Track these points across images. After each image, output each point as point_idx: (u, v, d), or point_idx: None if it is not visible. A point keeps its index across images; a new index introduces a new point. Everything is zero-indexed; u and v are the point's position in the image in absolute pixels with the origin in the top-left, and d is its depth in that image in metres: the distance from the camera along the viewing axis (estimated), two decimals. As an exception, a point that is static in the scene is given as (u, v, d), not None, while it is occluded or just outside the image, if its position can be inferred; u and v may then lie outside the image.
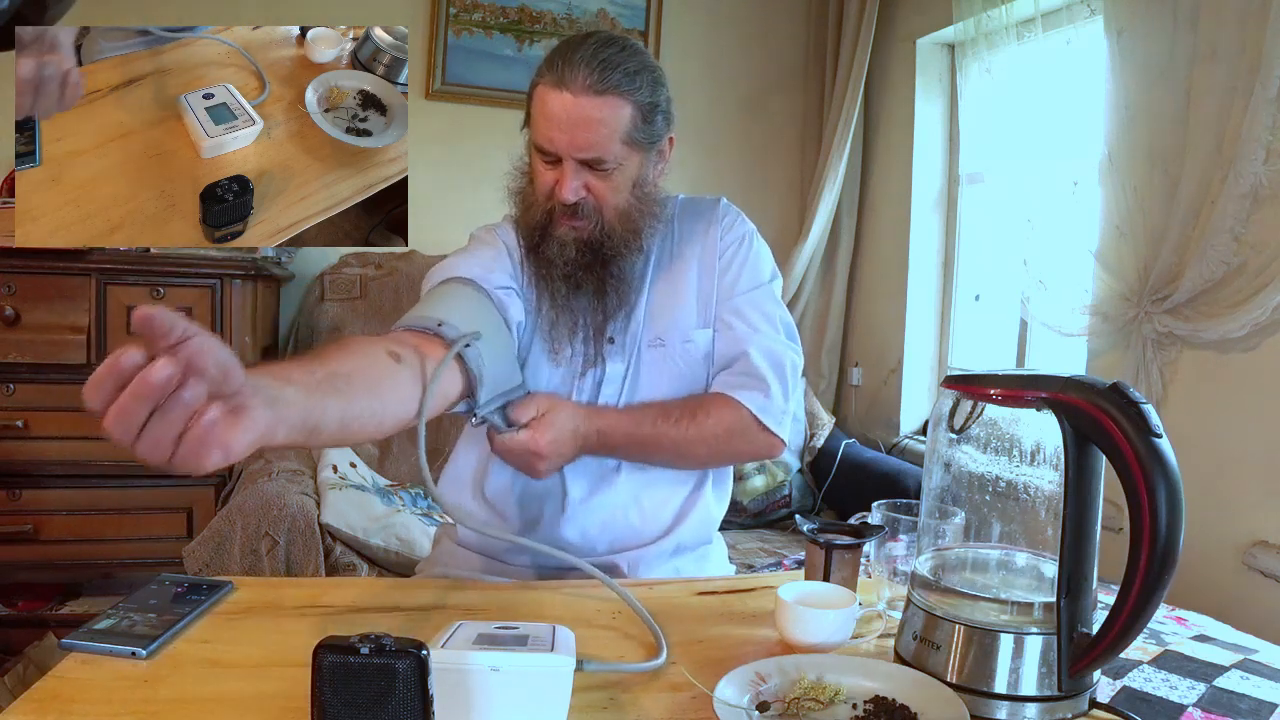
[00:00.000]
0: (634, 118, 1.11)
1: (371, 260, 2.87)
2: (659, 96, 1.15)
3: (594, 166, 1.12)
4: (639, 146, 1.14)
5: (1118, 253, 2.07)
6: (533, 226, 1.18)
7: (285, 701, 0.73)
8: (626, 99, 1.10)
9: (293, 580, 1.64)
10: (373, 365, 0.93)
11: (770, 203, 3.39)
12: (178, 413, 0.60)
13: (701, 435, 1.18)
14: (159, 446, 0.60)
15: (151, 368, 0.58)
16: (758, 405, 1.19)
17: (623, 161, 1.13)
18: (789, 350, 1.23)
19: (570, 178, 1.11)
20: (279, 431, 0.69)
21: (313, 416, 0.76)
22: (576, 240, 1.15)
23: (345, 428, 0.83)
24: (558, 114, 1.09)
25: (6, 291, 2.26)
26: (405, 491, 2.41)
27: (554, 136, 1.10)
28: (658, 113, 1.15)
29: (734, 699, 0.74)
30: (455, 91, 3.02)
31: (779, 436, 1.21)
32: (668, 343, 1.23)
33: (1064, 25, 2.41)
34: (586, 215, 1.14)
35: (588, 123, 1.09)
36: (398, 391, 0.94)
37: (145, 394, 0.58)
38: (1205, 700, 0.80)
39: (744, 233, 1.28)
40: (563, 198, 1.12)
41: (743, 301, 1.24)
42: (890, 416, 3.09)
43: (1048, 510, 0.83)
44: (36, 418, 2.29)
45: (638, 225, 1.18)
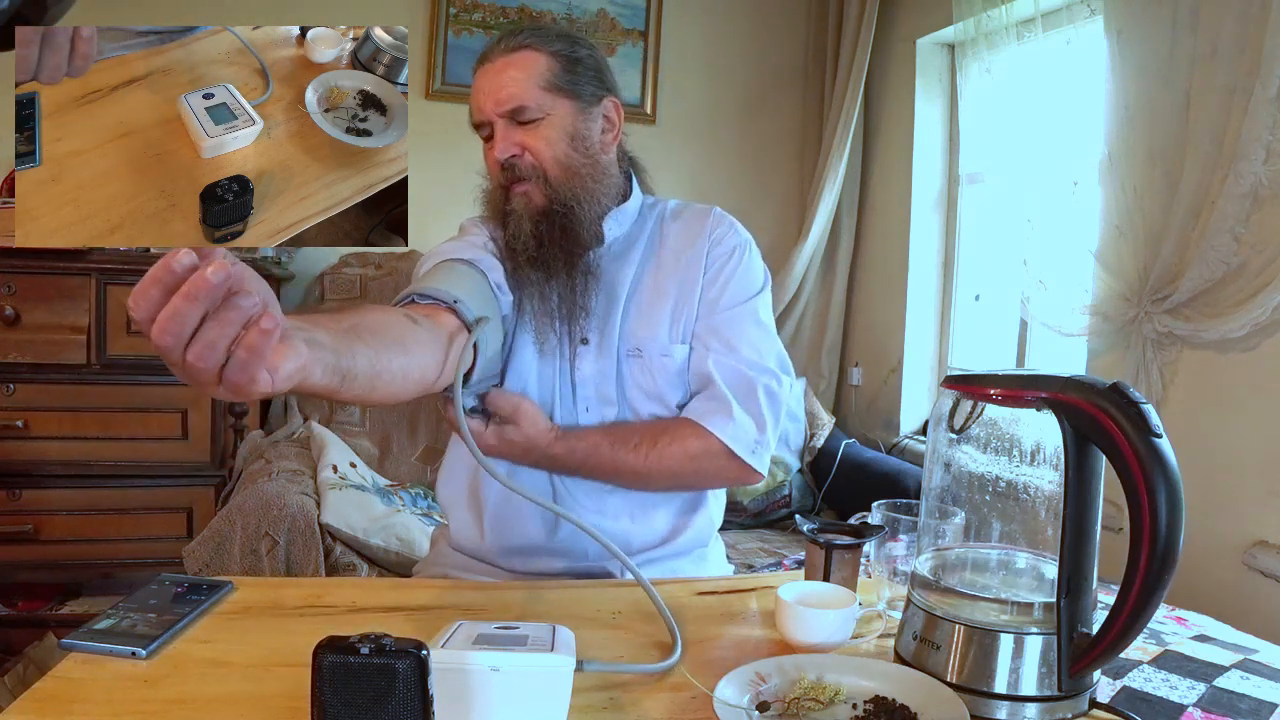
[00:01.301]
0: (550, 65, 1.15)
1: (371, 260, 2.87)
2: (578, 51, 1.18)
3: (521, 120, 1.14)
4: (564, 94, 1.15)
5: (1118, 253, 2.07)
6: (496, 214, 1.19)
7: (285, 701, 0.73)
8: (538, 50, 1.15)
9: (293, 580, 1.64)
10: (395, 323, 0.92)
11: (770, 203, 3.40)
12: (234, 314, 0.56)
13: (662, 463, 1.15)
14: (213, 351, 0.56)
15: (207, 267, 0.55)
16: (728, 434, 1.15)
17: (549, 111, 1.15)
18: (764, 376, 1.18)
19: (499, 136, 1.14)
20: (316, 370, 0.67)
21: (344, 361, 0.74)
22: (529, 210, 1.15)
23: (376, 377, 0.81)
24: (480, 84, 1.16)
25: (6, 291, 2.26)
26: (405, 491, 2.41)
27: (480, 104, 1.15)
28: (581, 66, 1.17)
29: (734, 699, 0.74)
30: (455, 91, 3.02)
31: (752, 465, 1.17)
32: (645, 354, 1.20)
33: (1064, 25, 2.41)
34: (526, 174, 1.15)
35: (503, 77, 1.14)
36: (421, 350, 0.92)
37: (200, 294, 0.54)
38: (1205, 700, 0.80)
39: (735, 245, 1.25)
40: (496, 156, 1.14)
41: (722, 320, 1.21)
42: (890, 416, 3.09)
43: (1048, 510, 0.83)
44: (36, 418, 2.29)
45: (587, 183, 1.17)
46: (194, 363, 0.56)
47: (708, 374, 1.18)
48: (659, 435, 1.16)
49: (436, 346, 0.95)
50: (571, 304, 1.18)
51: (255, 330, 0.57)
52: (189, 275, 0.55)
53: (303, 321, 0.72)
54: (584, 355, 1.20)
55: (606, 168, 1.21)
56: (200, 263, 0.55)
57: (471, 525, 1.23)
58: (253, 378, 0.58)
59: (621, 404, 1.21)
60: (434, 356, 0.95)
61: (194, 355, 0.56)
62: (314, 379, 0.67)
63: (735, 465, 1.16)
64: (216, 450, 2.46)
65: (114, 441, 2.34)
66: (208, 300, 0.55)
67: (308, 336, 0.68)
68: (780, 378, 1.20)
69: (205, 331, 0.56)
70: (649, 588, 0.91)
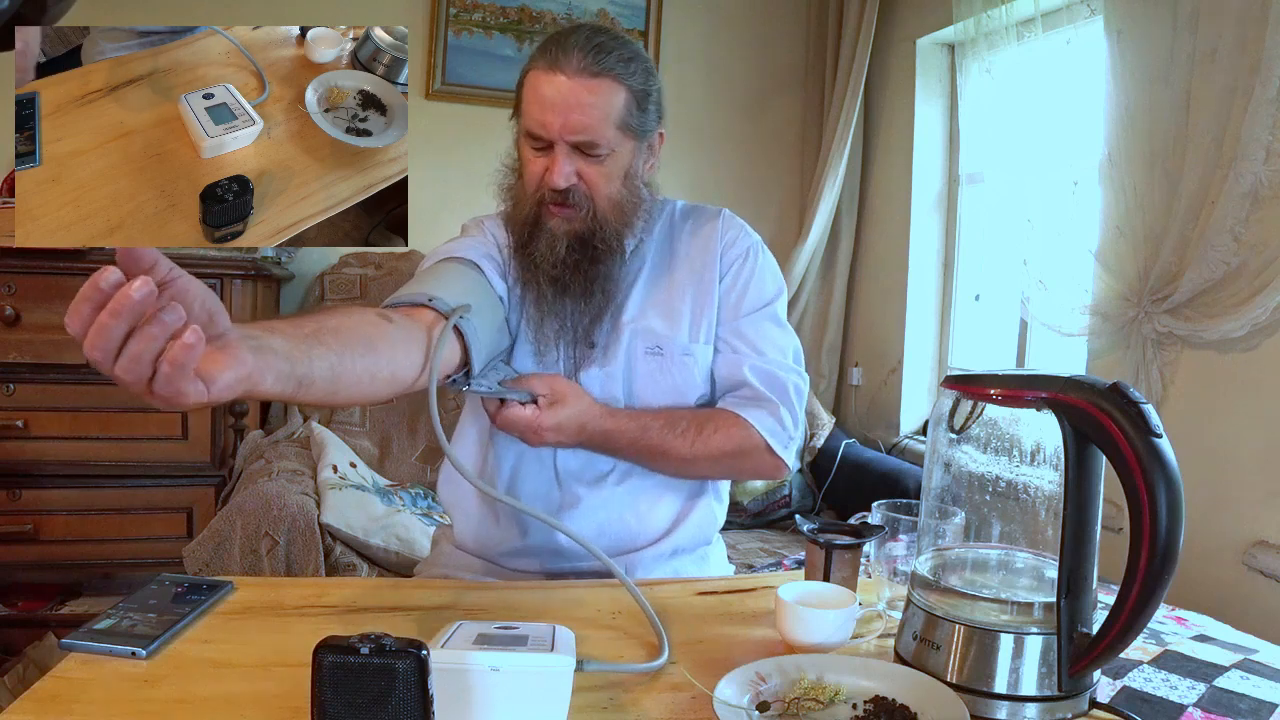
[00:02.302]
0: (628, 103, 1.11)
1: (371, 260, 2.87)
2: (651, 85, 1.15)
3: (586, 151, 1.10)
4: (631, 134, 1.13)
5: (1118, 253, 2.07)
6: (522, 221, 1.16)
7: (285, 701, 0.73)
8: (621, 83, 1.10)
9: (293, 580, 1.64)
10: (363, 323, 0.91)
11: (770, 203, 3.40)
12: (156, 329, 0.58)
13: (708, 451, 1.17)
14: (138, 364, 0.58)
15: (130, 284, 0.57)
16: (767, 428, 1.18)
17: (615, 148, 1.12)
18: (791, 374, 1.22)
19: (562, 162, 1.09)
20: (266, 378, 0.68)
21: (300, 366, 0.74)
22: (568, 233, 1.14)
23: (337, 381, 0.81)
24: (551, 96, 1.08)
25: (6, 291, 2.26)
26: (405, 491, 2.41)
27: (547, 120, 1.09)
28: (650, 102, 1.15)
29: (734, 699, 0.74)
30: (455, 91, 3.02)
31: (784, 460, 1.21)
32: (666, 352, 1.21)
33: (1064, 25, 2.41)
34: (577, 203, 1.12)
35: (582, 104, 1.08)
36: (392, 350, 0.91)
37: (123, 310, 0.57)
38: (1205, 700, 0.80)
39: (747, 247, 1.26)
40: (554, 183, 1.10)
41: (746, 324, 1.23)
42: (890, 416, 3.09)
43: (1048, 510, 0.83)
44: (36, 418, 2.29)
45: (629, 219, 1.17)
46: (122, 376, 0.59)
47: (742, 378, 1.20)
48: (704, 423, 1.18)
49: (412, 344, 0.95)
50: (581, 314, 1.19)
51: (177, 344, 0.58)
52: (115, 292, 0.57)
53: (258, 329, 0.73)
54: (590, 359, 1.21)
55: (644, 196, 1.20)
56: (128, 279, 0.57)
57: (475, 524, 1.23)
58: (179, 390, 0.59)
59: (629, 404, 1.21)
60: (410, 354, 0.94)
61: (121, 369, 0.59)
62: (264, 386, 0.68)
63: (771, 459, 1.20)
64: (216, 450, 2.46)
65: (114, 441, 2.34)
66: (131, 316, 0.57)
67: (257, 344, 0.68)
68: (803, 375, 1.24)
69: (130, 346, 0.58)
70: (634, 590, 0.91)
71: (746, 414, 1.18)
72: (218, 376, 0.61)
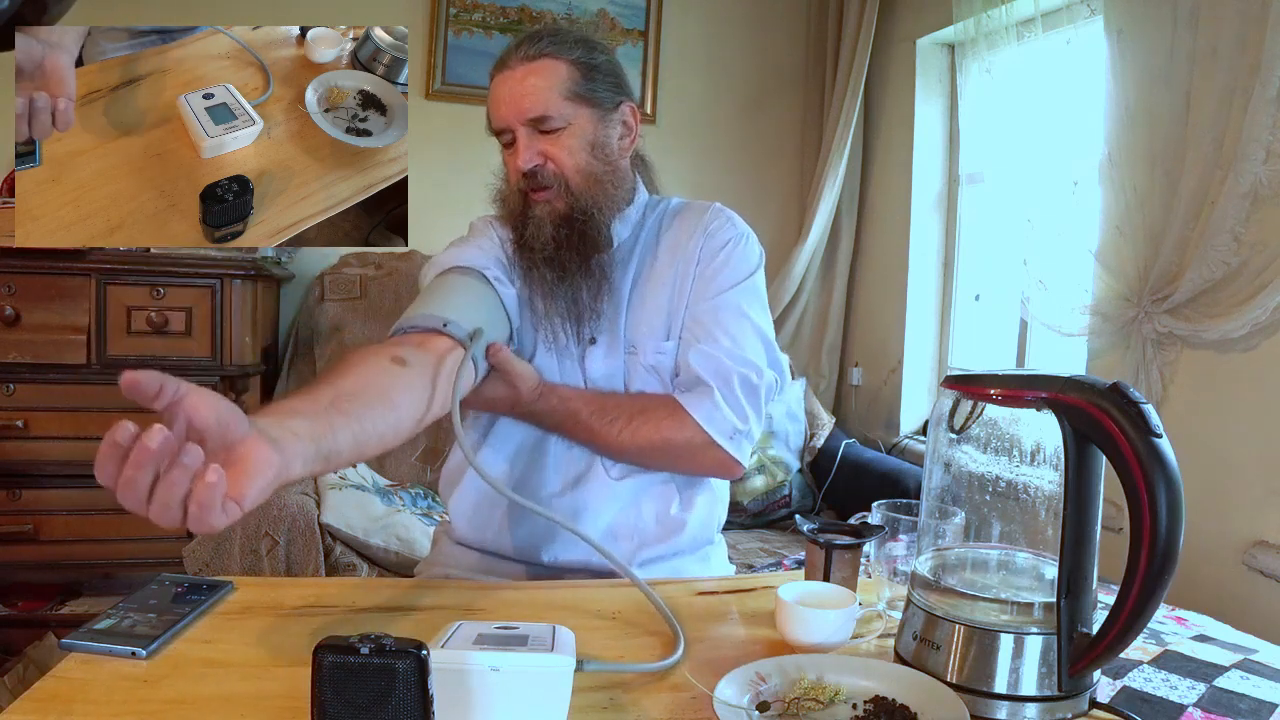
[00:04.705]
0: (571, 74, 1.15)
1: (371, 260, 2.87)
2: (595, 58, 1.18)
3: (543, 129, 1.15)
4: (585, 102, 1.16)
5: (1118, 253, 2.07)
6: (513, 216, 1.20)
7: (285, 701, 0.73)
8: (559, 58, 1.15)
9: (293, 580, 1.64)
10: (380, 376, 0.94)
11: (770, 203, 3.39)
12: (178, 474, 0.61)
13: (635, 441, 1.15)
14: (168, 510, 0.61)
15: (147, 435, 0.60)
16: (703, 416, 1.14)
17: (571, 120, 1.15)
18: (744, 366, 1.16)
19: (524, 145, 1.15)
20: (295, 466, 0.71)
21: (325, 444, 0.77)
22: (551, 214, 1.16)
23: (362, 445, 0.84)
24: (501, 92, 1.16)
25: (6, 291, 2.26)
26: (405, 491, 2.41)
27: (502, 112, 1.15)
28: (598, 72, 1.18)
29: (734, 699, 0.74)
30: (455, 91, 3.02)
31: (733, 456, 1.16)
32: (640, 351, 1.21)
33: (1064, 25, 2.41)
34: (549, 182, 1.16)
35: (525, 85, 1.14)
36: (411, 398, 0.95)
37: (144, 461, 0.60)
38: (1205, 700, 0.80)
39: (729, 237, 1.24)
40: (520, 166, 1.15)
41: (705, 309, 1.20)
42: (890, 416, 3.09)
43: (1048, 510, 0.83)
44: (36, 418, 2.29)
45: (608, 190, 1.18)
46: (156, 520, 0.62)
47: (687, 363, 1.18)
48: (636, 414, 1.17)
49: (429, 386, 0.98)
50: (582, 305, 1.19)
51: (200, 486, 0.61)
52: (133, 443, 0.60)
53: (277, 413, 0.75)
54: (593, 355, 1.22)
55: (624, 172, 1.22)
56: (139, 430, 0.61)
57: (477, 520, 1.24)
58: (211, 525, 0.62)
59: (626, 389, 1.22)
60: (427, 395, 0.98)
61: (154, 514, 0.62)
62: (293, 473, 0.71)
63: (714, 454, 1.16)
64: (216, 450, 2.45)
65: (114, 441, 2.34)
66: (154, 464, 0.61)
67: (278, 433, 0.70)
68: (761, 371, 1.18)
69: (157, 494, 0.61)
70: (646, 589, 0.91)
71: (685, 401, 1.16)
72: (246, 493, 0.64)
